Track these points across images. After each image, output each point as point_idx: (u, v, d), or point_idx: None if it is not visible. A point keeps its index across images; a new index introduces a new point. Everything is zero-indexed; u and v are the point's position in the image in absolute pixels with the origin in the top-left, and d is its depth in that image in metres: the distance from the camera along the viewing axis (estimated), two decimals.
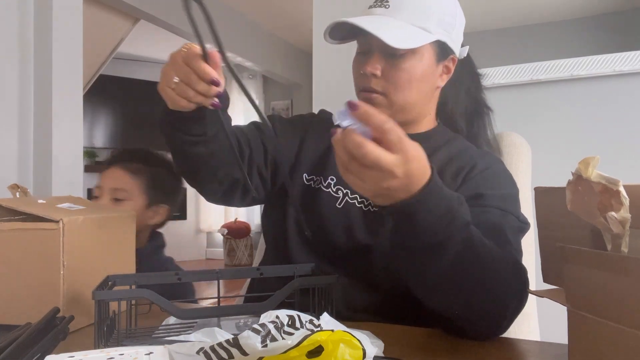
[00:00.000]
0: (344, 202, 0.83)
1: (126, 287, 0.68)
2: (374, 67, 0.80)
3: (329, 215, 0.82)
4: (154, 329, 0.67)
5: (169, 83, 0.64)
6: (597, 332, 0.41)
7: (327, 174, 0.86)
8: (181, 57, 0.62)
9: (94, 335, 0.59)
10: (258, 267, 0.75)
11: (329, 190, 0.84)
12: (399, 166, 0.52)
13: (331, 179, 0.85)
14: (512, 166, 1.06)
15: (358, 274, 0.79)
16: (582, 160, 0.41)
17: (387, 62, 0.80)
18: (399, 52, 0.78)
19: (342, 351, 0.41)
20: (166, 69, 0.65)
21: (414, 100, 0.83)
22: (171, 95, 0.65)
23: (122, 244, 0.85)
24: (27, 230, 0.71)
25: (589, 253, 0.42)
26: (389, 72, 0.80)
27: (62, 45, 1.83)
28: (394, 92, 0.80)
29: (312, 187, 0.86)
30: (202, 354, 0.42)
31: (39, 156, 1.80)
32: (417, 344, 0.63)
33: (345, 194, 0.83)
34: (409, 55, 0.79)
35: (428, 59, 0.82)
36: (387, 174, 0.52)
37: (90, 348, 0.44)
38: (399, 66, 0.80)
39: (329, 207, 0.83)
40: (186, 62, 0.62)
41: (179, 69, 0.62)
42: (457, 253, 0.58)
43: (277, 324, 0.42)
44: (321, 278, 0.67)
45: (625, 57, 1.28)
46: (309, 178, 0.87)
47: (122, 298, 0.62)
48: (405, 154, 0.52)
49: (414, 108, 0.84)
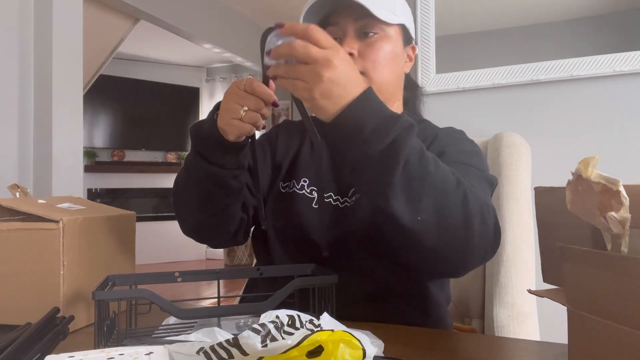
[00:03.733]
0: (320, 202, 0.84)
1: (126, 287, 0.68)
2: (350, 47, 0.83)
3: (307, 216, 0.84)
4: (154, 329, 0.67)
5: (236, 115, 0.68)
6: (597, 332, 0.41)
7: (299, 177, 0.88)
8: (244, 88, 0.68)
9: (94, 335, 0.59)
10: (258, 267, 0.75)
11: (303, 192, 0.86)
12: (333, 55, 0.58)
13: (304, 181, 0.87)
14: (512, 166, 1.06)
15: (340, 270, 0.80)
16: (582, 160, 0.41)
17: (361, 42, 0.84)
18: (371, 33, 0.83)
19: (342, 351, 0.41)
20: (229, 104, 0.69)
21: (389, 80, 0.86)
22: (239, 126, 0.69)
23: (122, 244, 0.85)
24: (27, 230, 0.71)
25: (589, 253, 0.42)
26: (364, 50, 0.83)
27: (62, 45, 1.83)
28: (372, 70, 0.83)
29: (287, 193, 0.87)
30: (202, 354, 0.42)
31: (39, 156, 1.80)
32: (417, 344, 0.63)
33: (320, 194, 0.85)
34: (381, 36, 0.84)
35: (396, 41, 0.86)
36: (323, 64, 0.57)
37: (91, 348, 0.44)
38: (373, 45, 0.83)
39: (305, 208, 0.84)
40: (251, 91, 0.68)
41: (246, 98, 0.68)
42: (411, 158, 0.60)
43: (277, 324, 0.42)
44: (321, 278, 0.68)
45: (625, 57, 1.28)
46: (284, 185, 0.89)
47: (122, 298, 0.62)
48: (336, 48, 0.59)
49: (388, 89, 0.87)
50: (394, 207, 0.60)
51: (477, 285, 1.08)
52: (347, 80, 0.59)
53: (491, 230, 0.67)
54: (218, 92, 6.17)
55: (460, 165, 0.76)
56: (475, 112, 1.44)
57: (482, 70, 1.42)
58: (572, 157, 0.60)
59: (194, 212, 0.82)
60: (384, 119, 0.60)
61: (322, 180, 0.86)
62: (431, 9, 1.48)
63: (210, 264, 5.74)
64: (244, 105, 0.68)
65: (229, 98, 0.69)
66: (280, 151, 0.93)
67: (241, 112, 0.68)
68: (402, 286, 0.81)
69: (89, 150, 5.46)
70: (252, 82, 0.68)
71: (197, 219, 0.83)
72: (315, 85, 0.58)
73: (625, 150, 1.29)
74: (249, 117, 0.68)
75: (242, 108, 0.68)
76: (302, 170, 0.88)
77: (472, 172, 0.76)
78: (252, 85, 0.68)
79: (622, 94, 1.30)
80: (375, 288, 0.80)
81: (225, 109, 0.70)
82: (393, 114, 0.61)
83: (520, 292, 0.97)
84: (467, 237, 0.63)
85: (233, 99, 0.69)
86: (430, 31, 1.48)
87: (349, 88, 0.59)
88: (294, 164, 0.90)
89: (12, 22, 1.75)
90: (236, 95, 0.69)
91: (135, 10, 3.16)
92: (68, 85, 1.85)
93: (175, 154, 6.09)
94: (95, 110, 5.45)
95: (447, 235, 0.63)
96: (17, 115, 1.77)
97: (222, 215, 0.82)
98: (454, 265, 0.68)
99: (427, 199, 0.61)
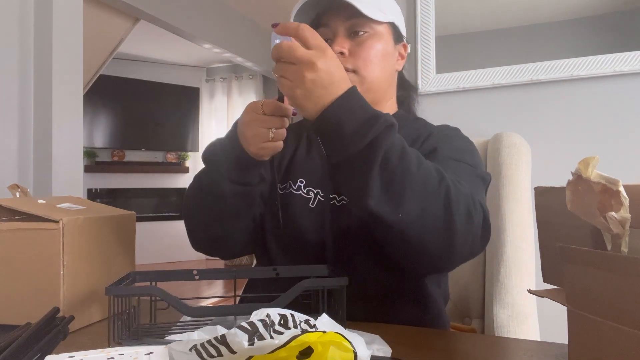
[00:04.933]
0: (317, 202, 0.85)
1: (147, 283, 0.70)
2: (341, 46, 0.84)
3: (303, 216, 0.84)
4: (172, 325, 0.69)
5: (266, 138, 0.71)
6: (597, 332, 0.41)
7: (295, 178, 0.88)
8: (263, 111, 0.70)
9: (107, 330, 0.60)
10: (274, 267, 0.76)
11: (300, 193, 0.86)
12: (317, 57, 0.59)
13: (300, 182, 0.88)
14: (512, 166, 1.06)
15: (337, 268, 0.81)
16: (582, 160, 0.41)
17: (351, 41, 0.85)
18: (361, 32, 0.84)
19: (332, 353, 0.41)
20: (256, 130, 0.71)
21: (381, 78, 0.87)
22: (272, 147, 0.72)
23: (122, 244, 0.85)
24: (27, 230, 0.71)
25: (589, 253, 0.42)
26: (355, 49, 0.85)
27: (62, 45, 1.83)
28: (363, 68, 0.84)
29: (284, 194, 0.88)
30: (194, 350, 0.42)
31: (39, 156, 1.80)
32: (417, 344, 0.63)
33: (316, 194, 0.85)
34: (371, 34, 0.85)
35: (387, 39, 0.88)
36: (307, 65, 0.59)
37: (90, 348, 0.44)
38: (364, 44, 0.85)
39: (302, 208, 0.85)
40: (272, 112, 0.70)
41: (270, 121, 0.70)
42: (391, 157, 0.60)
43: (267, 323, 0.42)
44: (330, 280, 0.67)
45: (625, 57, 1.28)
46: (281, 187, 0.89)
47: (134, 294, 0.63)
48: (322, 49, 0.60)
49: (380, 87, 0.88)
50: (372, 206, 0.61)
51: (477, 285, 1.08)
52: (329, 82, 0.60)
53: (478, 226, 0.67)
54: (218, 92, 6.16)
55: (453, 161, 0.76)
56: (475, 112, 1.44)
57: (482, 70, 1.42)
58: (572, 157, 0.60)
59: (213, 229, 0.83)
60: (363, 120, 0.61)
61: (318, 180, 0.86)
62: (431, 9, 1.48)
63: (210, 264, 5.74)
64: (270, 127, 0.70)
65: (254, 125, 0.71)
66: (276, 155, 0.94)
67: (270, 134, 0.71)
68: (398, 283, 0.82)
69: (89, 150, 5.46)
70: (270, 104, 0.70)
71: (215, 235, 0.84)
72: (298, 85, 0.60)
73: (625, 150, 1.29)
74: (278, 135, 0.72)
75: (269, 130, 0.70)
76: (298, 171, 0.89)
77: (464, 168, 0.76)
78: (270, 107, 0.70)
79: (622, 94, 1.30)
80: (371, 286, 0.80)
81: (253, 136, 0.71)
82: (374, 113, 0.62)
83: (520, 292, 0.97)
84: (450, 234, 0.64)
85: (258, 125, 0.71)
86: (430, 31, 1.47)
87: (331, 89, 0.61)
88: (290, 166, 0.91)
89: (12, 22, 1.75)
90: (260, 121, 0.71)
91: (135, 10, 3.16)
92: (68, 85, 1.85)
93: (175, 154, 6.09)
94: (95, 110, 5.45)
95: (430, 233, 0.64)
96: (17, 115, 1.77)
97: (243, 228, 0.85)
98: (439, 260, 0.68)
99: (408, 197, 0.62)
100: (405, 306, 0.82)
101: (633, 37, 1.29)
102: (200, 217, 0.84)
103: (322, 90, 0.60)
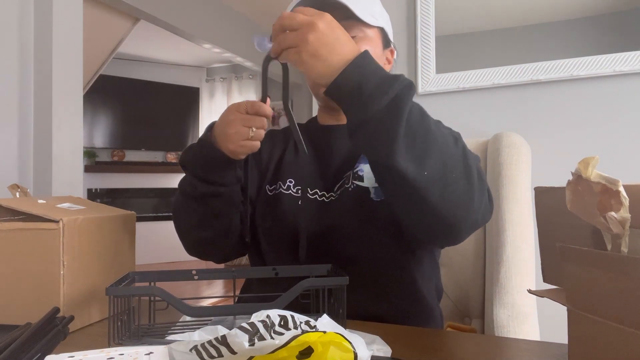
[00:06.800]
0: (304, 199, 0.86)
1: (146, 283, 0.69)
2: None
3: (292, 214, 0.85)
4: (172, 325, 0.69)
5: (246, 136, 0.75)
6: (597, 332, 0.41)
7: (284, 178, 0.90)
8: (246, 110, 0.74)
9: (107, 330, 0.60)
10: (274, 267, 0.76)
11: (289, 192, 0.88)
12: (317, 19, 0.61)
13: (289, 182, 0.89)
14: (512, 166, 1.06)
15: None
16: (582, 160, 0.40)
17: None
18: (352, 35, 0.85)
19: (333, 353, 0.41)
20: (237, 128, 0.74)
21: None
22: (250, 145, 0.75)
23: (122, 244, 0.85)
24: (27, 230, 0.71)
25: (589, 253, 0.42)
26: None
27: (62, 45, 1.83)
28: None
29: (274, 194, 0.89)
30: (194, 351, 0.42)
31: (39, 156, 1.80)
32: (417, 344, 0.63)
33: (304, 192, 0.87)
34: (361, 37, 0.86)
35: (376, 43, 0.89)
36: (308, 27, 0.60)
37: (90, 348, 0.44)
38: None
39: (290, 206, 0.86)
40: (255, 112, 0.74)
41: (252, 120, 0.74)
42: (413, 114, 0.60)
43: (267, 323, 0.42)
44: (330, 279, 0.67)
45: (625, 57, 1.28)
46: (270, 188, 0.91)
47: (134, 294, 0.63)
48: (319, 13, 0.62)
49: None
50: (400, 164, 0.60)
51: (477, 285, 1.08)
52: (333, 40, 0.61)
53: (486, 188, 0.69)
54: (218, 92, 6.16)
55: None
56: (475, 112, 1.44)
57: (482, 70, 1.42)
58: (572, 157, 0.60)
59: (198, 232, 0.85)
60: (384, 78, 0.61)
61: (307, 179, 0.88)
62: (431, 9, 1.48)
63: (210, 264, 5.73)
64: (251, 126, 0.74)
65: (236, 123, 0.75)
66: (265, 157, 0.96)
67: (250, 133, 0.74)
68: (387, 278, 0.82)
69: (89, 150, 5.45)
70: (254, 104, 0.74)
71: (202, 237, 0.86)
72: (303, 47, 0.61)
73: (625, 150, 1.29)
74: (257, 135, 0.75)
75: (250, 129, 0.74)
76: (287, 171, 0.91)
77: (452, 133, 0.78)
78: (254, 107, 0.74)
79: (622, 94, 1.30)
80: (360, 280, 0.80)
81: (234, 134, 0.75)
82: (391, 74, 0.63)
83: (520, 292, 0.97)
84: (470, 191, 0.65)
85: (240, 123, 0.74)
86: (430, 31, 1.47)
87: (337, 47, 0.61)
88: (279, 167, 0.93)
89: (12, 22, 1.75)
90: (242, 120, 0.74)
91: (135, 10, 3.16)
92: (68, 85, 1.85)
93: (175, 154, 6.09)
94: (95, 110, 5.45)
95: (451, 189, 0.63)
96: (17, 115, 1.77)
97: (227, 229, 0.85)
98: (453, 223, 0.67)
99: (432, 153, 0.62)
100: (394, 300, 0.82)
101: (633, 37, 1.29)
102: (185, 221, 0.86)
103: (328, 48, 0.61)
